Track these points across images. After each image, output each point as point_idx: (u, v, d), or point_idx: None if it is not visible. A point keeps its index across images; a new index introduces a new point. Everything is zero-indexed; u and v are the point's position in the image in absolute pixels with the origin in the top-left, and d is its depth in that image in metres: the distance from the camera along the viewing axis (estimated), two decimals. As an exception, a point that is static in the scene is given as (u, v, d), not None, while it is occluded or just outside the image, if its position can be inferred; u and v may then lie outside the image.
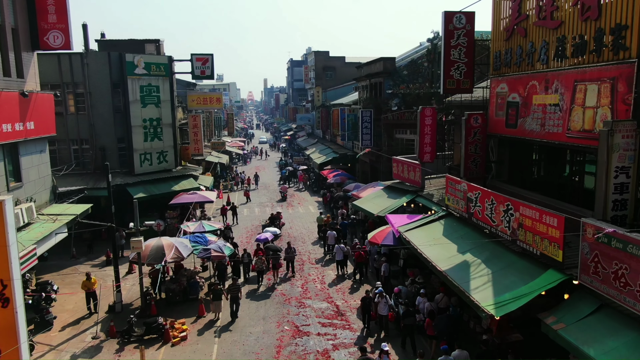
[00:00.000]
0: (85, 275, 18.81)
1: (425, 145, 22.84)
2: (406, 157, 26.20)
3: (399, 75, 34.77)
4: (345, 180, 36.23)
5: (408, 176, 24.37)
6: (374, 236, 19.96)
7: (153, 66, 29.87)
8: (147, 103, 29.86)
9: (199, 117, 32.97)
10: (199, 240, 20.17)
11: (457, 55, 18.02)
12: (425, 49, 36.25)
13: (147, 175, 29.92)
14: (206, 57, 31.99)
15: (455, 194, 17.21)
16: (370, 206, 24.37)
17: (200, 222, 23.08)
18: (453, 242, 16.08)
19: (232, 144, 62.78)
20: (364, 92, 40.10)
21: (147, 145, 30.13)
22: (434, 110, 22.66)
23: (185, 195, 28.43)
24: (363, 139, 35.23)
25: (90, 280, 18.58)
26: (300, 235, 29.19)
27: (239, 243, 26.85)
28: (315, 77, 68.97)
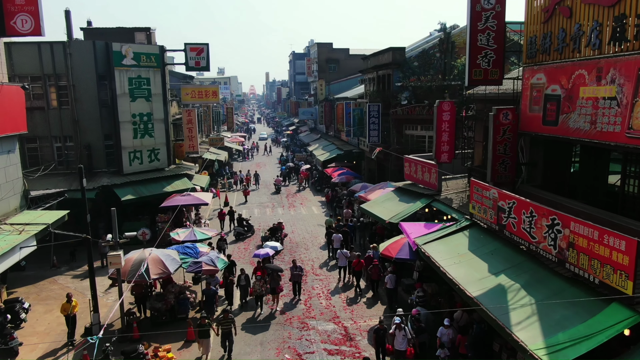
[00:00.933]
0: (66, 297, 16.37)
1: (443, 144, 20.46)
2: (419, 157, 23.85)
3: (409, 67, 32.32)
4: (350, 179, 33.87)
5: (422, 177, 22.01)
6: (386, 248, 17.62)
7: (143, 56, 27.48)
8: (137, 97, 27.49)
9: (193, 112, 30.64)
10: (189, 252, 17.88)
11: (485, 41, 15.57)
12: (436, 38, 33.78)
13: (137, 175, 27.62)
14: (201, 47, 29.59)
15: (483, 202, 14.85)
16: (380, 211, 22.03)
17: (192, 229, 20.73)
18: (482, 260, 13.73)
19: (232, 139, 60.41)
20: (370, 85, 37.66)
21: (137, 142, 27.80)
22: (452, 105, 20.26)
23: (178, 197, 26.11)
24: (370, 135, 32.84)
25: (71, 303, 16.19)
26: (303, 240, 26.86)
27: (235, 255, 24.65)
28: (318, 70, 66.41)
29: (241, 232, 27.92)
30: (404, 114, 31.25)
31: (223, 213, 29.78)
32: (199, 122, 44.58)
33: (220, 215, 29.71)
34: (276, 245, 21.50)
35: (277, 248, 21.41)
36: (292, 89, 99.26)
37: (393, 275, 18.34)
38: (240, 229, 28.04)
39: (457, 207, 18.50)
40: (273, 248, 20.90)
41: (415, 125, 31.37)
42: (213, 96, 31.47)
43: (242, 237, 27.73)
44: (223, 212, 29.88)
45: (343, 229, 25.28)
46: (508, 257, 13.32)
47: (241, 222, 28.47)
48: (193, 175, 31.15)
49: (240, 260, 23.56)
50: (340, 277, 21.64)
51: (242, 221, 28.47)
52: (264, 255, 20.19)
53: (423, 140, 31.22)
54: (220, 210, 30.14)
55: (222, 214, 29.72)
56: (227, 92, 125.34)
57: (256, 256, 20.39)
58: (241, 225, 28.28)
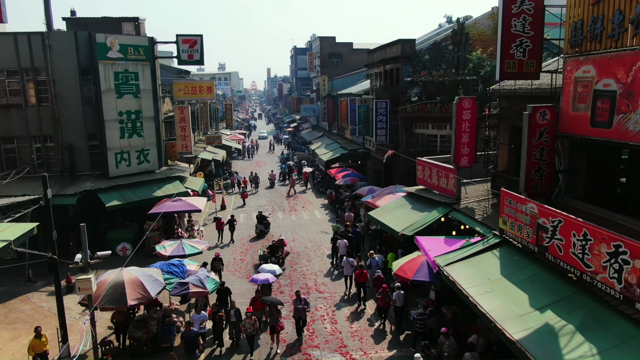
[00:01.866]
0: (35, 332, 13.79)
1: (462, 146, 18.14)
2: (433, 159, 21.55)
3: (419, 60, 29.96)
4: (356, 181, 31.57)
5: (438, 183, 19.71)
6: (401, 268, 15.31)
7: (130, 49, 25.18)
8: (124, 93, 25.22)
9: (186, 109, 28.35)
10: (175, 271, 15.63)
11: (520, 27, 13.20)
12: (449, 29, 31.41)
13: (124, 178, 25.38)
14: (194, 39, 27.27)
15: (517, 217, 12.56)
16: (391, 220, 19.76)
17: (180, 242, 18.41)
18: (520, 289, 11.44)
19: (231, 137, 58.15)
20: (377, 81, 35.30)
21: (124, 142, 25.53)
22: (474, 102, 17.92)
23: (168, 203, 23.87)
24: (377, 134, 30.53)
25: (41, 339, 13.83)
26: (305, 250, 24.58)
27: (231, 268, 22.43)
28: (320, 65, 64.00)
29: (263, 230, 27.66)
30: (414, 112, 28.93)
31: (222, 223, 26.44)
32: (195, 119, 42.33)
33: (218, 225, 26.41)
34: (275, 270, 18.20)
35: (277, 273, 18.14)
36: (293, 84, 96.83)
37: (401, 292, 16.34)
38: (261, 227, 27.71)
39: (480, 219, 16.21)
40: (272, 272, 17.72)
41: (426, 123, 29.06)
42: (208, 92, 29.17)
43: (263, 235, 27.41)
44: (222, 221, 26.53)
45: (348, 235, 23.23)
46: (553, 287, 11.03)
47: (262, 219, 28.08)
48: (186, 177, 28.90)
49: (237, 276, 21.36)
50: (346, 287, 19.83)
51: (262, 219, 28.11)
52: (263, 282, 17.02)
53: (435, 140, 28.92)
54: (219, 220, 26.70)
55: (221, 224, 26.41)
56: (228, 88, 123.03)
57: (254, 281, 17.32)
58: (261, 223, 27.88)
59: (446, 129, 28.27)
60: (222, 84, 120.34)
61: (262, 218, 28.28)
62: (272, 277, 17.29)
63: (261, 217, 28.35)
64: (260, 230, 27.82)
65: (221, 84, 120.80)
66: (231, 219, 26.66)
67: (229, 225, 26.37)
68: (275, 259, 21.48)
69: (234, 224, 26.67)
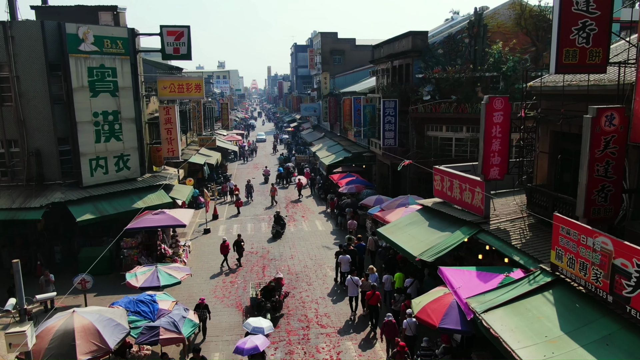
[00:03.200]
0: None
1: (492, 155, 15.14)
2: (451, 167, 18.61)
3: (432, 55, 26.98)
4: (361, 189, 28.59)
5: (460, 197, 16.75)
6: (424, 309, 12.29)
7: (107, 41, 22.23)
8: (99, 91, 22.27)
9: (172, 109, 25.38)
10: (143, 310, 12.67)
11: (583, 5, 10.21)
12: (464, 21, 28.42)
13: (100, 187, 22.47)
14: (180, 30, 24.29)
15: (579, 252, 9.62)
16: (405, 240, 16.82)
17: (155, 269, 15.39)
18: (593, 356, 8.48)
19: (228, 137, 55.21)
20: (384, 78, 32.32)
21: (100, 147, 22.59)
22: (506, 102, 14.93)
23: (148, 217, 20.95)
24: (385, 136, 27.54)
25: None
26: (305, 270, 21.61)
27: (219, 292, 19.51)
28: (321, 62, 61.07)
29: (279, 231, 26.93)
30: (427, 112, 25.96)
31: (227, 245, 22.06)
32: (187, 119, 39.39)
33: (223, 248, 21.97)
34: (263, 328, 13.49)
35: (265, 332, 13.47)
36: (293, 83, 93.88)
37: (413, 320, 13.77)
38: (278, 227, 26.95)
39: (519, 244, 13.26)
40: (259, 331, 13.07)
41: (439, 125, 26.10)
42: (196, 90, 26.19)
43: (279, 235, 26.74)
44: (226, 244, 22.08)
45: (350, 249, 20.56)
46: (643, 356, 8.08)
47: (279, 219, 27.26)
48: (173, 185, 25.94)
49: (225, 304, 18.44)
50: (351, 310, 17.45)
51: (280, 219, 27.31)
52: (250, 352, 12.43)
53: (449, 144, 25.96)
54: (223, 242, 22.06)
55: (226, 247, 22.03)
56: (227, 87, 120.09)
57: (238, 352, 12.56)
58: (278, 223, 27.10)
59: (462, 132, 25.34)
60: (220, 82, 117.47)
61: (279, 218, 27.36)
62: (263, 340, 12.96)
63: (278, 217, 27.39)
64: (277, 230, 26.87)
65: (220, 82, 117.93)
66: (238, 240, 22.47)
67: (236, 247, 22.34)
68: (271, 303, 16.85)
69: (241, 245, 22.47)
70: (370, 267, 18.67)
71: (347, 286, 17.67)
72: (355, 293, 17.48)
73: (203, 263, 22.55)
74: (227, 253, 22.08)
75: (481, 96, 25.17)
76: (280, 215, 27.97)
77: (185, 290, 19.07)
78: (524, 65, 25.32)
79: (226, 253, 22.06)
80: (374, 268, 18.88)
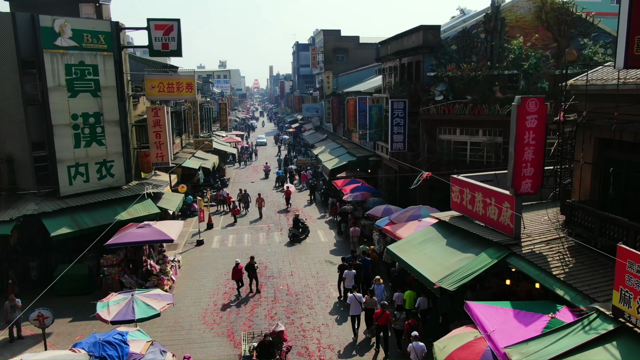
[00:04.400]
0: None
1: (525, 165, 12.94)
2: (470, 177, 16.44)
3: (444, 52, 24.76)
4: (367, 197, 26.38)
5: (484, 213, 14.56)
6: (450, 357, 10.09)
7: (87, 35, 20.11)
8: (79, 90, 20.15)
9: (162, 110, 23.21)
10: (110, 356, 10.49)
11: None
12: (480, 14, 26.20)
13: (80, 197, 20.37)
14: (169, 24, 22.17)
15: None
16: (421, 261, 14.67)
17: (131, 298, 13.17)
18: None
19: (226, 139, 53.10)
20: (391, 76, 30.12)
21: (80, 152, 20.47)
22: (541, 104, 12.71)
23: (132, 231, 18.82)
24: (393, 140, 25.36)
25: None
26: (305, 290, 19.42)
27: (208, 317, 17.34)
28: (324, 61, 58.87)
29: (296, 234, 25.81)
30: (439, 113, 23.77)
31: (239, 269, 18.99)
32: (183, 121, 37.31)
33: (235, 273, 18.97)
34: None
35: None
36: (295, 82, 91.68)
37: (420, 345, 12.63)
38: (295, 230, 25.85)
39: (562, 275, 11.08)
40: None
41: (453, 128, 23.92)
42: (188, 90, 24.04)
43: (297, 239, 25.65)
44: (239, 267, 19.03)
45: (355, 263, 18.64)
46: None
47: (297, 222, 26.22)
48: (163, 193, 23.78)
49: (215, 332, 16.28)
50: (354, 332, 15.78)
51: (297, 222, 26.20)
52: None
53: (464, 148, 23.78)
54: (236, 266, 19.02)
55: (239, 271, 18.98)
56: (227, 86, 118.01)
57: None
58: (296, 227, 26.00)
59: (478, 135, 23.17)
60: (221, 82, 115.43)
61: (297, 221, 26.20)
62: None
63: (296, 220, 26.28)
64: (293, 234, 25.69)
65: (220, 81, 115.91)
66: (251, 263, 19.05)
67: (249, 270, 19.14)
68: None
69: (254, 267, 19.09)
70: (377, 278, 17.14)
71: (350, 303, 15.90)
72: (357, 312, 15.86)
73: (193, 281, 20.40)
74: (239, 278, 19.06)
75: (499, 96, 23.02)
76: (299, 218, 26.60)
77: (171, 315, 16.93)
78: (546, 62, 23.15)
79: (238, 278, 19.04)
80: (381, 279, 17.17)
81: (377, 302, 15.75)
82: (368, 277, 19.39)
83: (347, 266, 18.46)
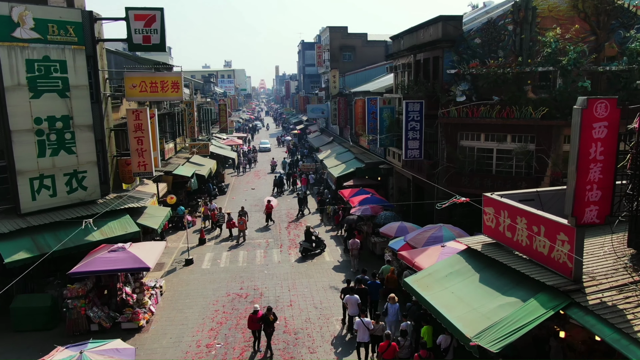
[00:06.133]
0: None
1: (590, 188, 9.89)
2: (507, 196, 13.38)
3: (467, 46, 21.74)
4: (378, 210, 23.37)
5: (530, 244, 11.52)
6: None
7: (52, 26, 17.28)
8: (43, 90, 17.32)
9: (144, 113, 20.26)
10: None
11: None
12: (507, 3, 23.09)
13: (44, 214, 17.55)
14: (151, 14, 19.28)
15: None
16: (449, 304, 11.72)
17: (80, 354, 10.18)
18: None
19: (227, 141, 50.24)
20: (404, 74, 27.10)
21: (46, 162, 17.63)
22: (614, 108, 9.68)
23: (103, 256, 15.99)
24: (408, 146, 22.35)
25: None
26: (306, 326, 16.38)
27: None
28: (330, 59, 56.02)
29: (308, 249, 23.17)
30: (461, 117, 20.77)
31: (257, 318, 14.75)
32: (177, 123, 34.50)
33: (251, 322, 14.86)
34: None
35: None
36: (301, 82, 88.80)
37: None
38: (308, 245, 23.21)
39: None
40: None
41: (477, 133, 20.94)
42: (174, 89, 21.03)
43: (308, 253, 23.09)
44: (258, 314, 14.80)
45: (360, 287, 16.26)
46: None
47: (309, 235, 23.45)
48: (146, 207, 20.89)
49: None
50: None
51: (310, 235, 23.44)
52: None
53: (489, 157, 20.78)
54: (254, 313, 14.82)
55: (255, 321, 14.76)
56: (231, 86, 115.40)
57: None
58: (309, 240, 23.36)
59: (506, 142, 20.14)
60: (225, 82, 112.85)
61: (309, 234, 23.45)
62: None
63: (308, 233, 23.49)
64: (304, 248, 23.07)
65: (224, 81, 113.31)
66: (266, 316, 14.70)
67: (265, 324, 14.79)
68: None
69: (269, 320, 14.72)
70: (391, 296, 15.26)
71: (356, 330, 14.11)
72: (365, 339, 14.08)
73: (176, 313, 17.47)
74: (257, 329, 14.89)
75: (532, 97, 19.92)
76: (310, 230, 23.69)
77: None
78: (585, 57, 20.04)
79: (256, 329, 14.89)
80: (396, 297, 15.13)
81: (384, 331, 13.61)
82: (376, 302, 16.89)
83: (349, 290, 16.12)
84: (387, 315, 15.14)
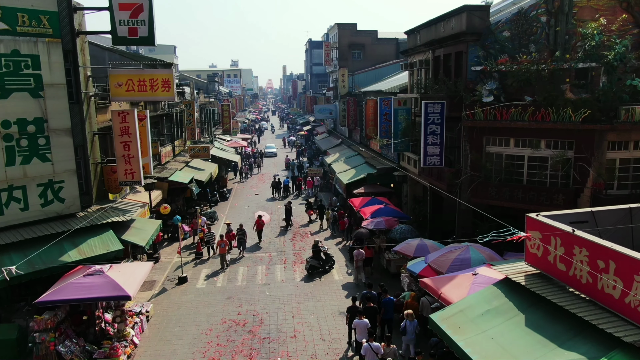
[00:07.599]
0: None
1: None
2: (553, 218, 10.98)
3: (494, 39, 19.32)
4: (393, 224, 20.99)
5: (594, 283, 9.15)
6: None
7: (23, 16, 15.08)
8: (11, 89, 15.12)
9: (131, 115, 18.05)
10: None
11: None
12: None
13: (14, 231, 15.32)
14: (138, 4, 16.98)
15: None
16: (488, 354, 9.34)
17: None
18: None
19: (231, 143, 48.04)
20: (420, 72, 24.71)
21: (15, 172, 15.42)
22: None
23: (76, 281, 13.77)
24: (427, 152, 19.98)
25: None
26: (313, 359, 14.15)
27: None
28: (339, 58, 53.62)
29: (315, 266, 20.91)
30: (488, 119, 18.39)
31: None
32: (176, 124, 32.31)
33: None
34: None
35: None
36: (308, 82, 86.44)
37: None
38: (315, 262, 20.94)
39: None
40: None
41: (506, 138, 18.55)
42: (164, 88, 18.70)
43: (315, 270, 20.87)
44: None
45: (369, 307, 14.70)
46: None
47: (317, 253, 21.21)
48: (134, 219, 18.64)
49: None
50: None
51: (318, 252, 21.22)
52: None
53: (520, 164, 18.36)
54: None
55: None
56: (238, 86, 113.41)
57: None
58: (317, 257, 21.15)
59: (540, 148, 17.75)
60: (231, 81, 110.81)
61: (317, 251, 21.24)
62: None
63: (316, 249, 21.28)
64: (311, 265, 20.85)
65: (230, 81, 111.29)
66: None
67: None
68: None
69: None
70: (408, 313, 13.99)
71: (365, 355, 12.91)
72: None
73: (163, 345, 15.21)
74: None
75: (570, 97, 17.45)
76: (319, 245, 21.48)
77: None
78: (631, 52, 17.57)
79: None
80: (413, 314, 14.04)
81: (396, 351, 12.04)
82: (390, 322, 15.15)
83: (356, 310, 14.58)
84: (405, 334, 13.70)
